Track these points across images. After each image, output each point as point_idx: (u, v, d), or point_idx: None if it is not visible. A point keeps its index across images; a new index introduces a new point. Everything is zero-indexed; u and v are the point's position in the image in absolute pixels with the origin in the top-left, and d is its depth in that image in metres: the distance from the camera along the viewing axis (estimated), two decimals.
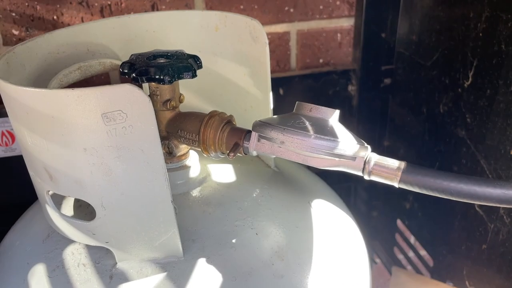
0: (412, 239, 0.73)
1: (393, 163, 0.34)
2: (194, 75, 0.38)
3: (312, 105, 0.35)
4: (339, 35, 0.71)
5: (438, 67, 0.59)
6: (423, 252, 0.70)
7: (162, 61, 0.39)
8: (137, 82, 0.37)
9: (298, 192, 0.46)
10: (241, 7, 0.66)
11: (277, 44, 0.70)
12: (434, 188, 0.32)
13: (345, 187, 0.81)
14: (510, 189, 0.31)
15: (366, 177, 0.35)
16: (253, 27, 0.43)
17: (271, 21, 0.68)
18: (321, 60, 0.73)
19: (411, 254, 0.74)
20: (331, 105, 0.71)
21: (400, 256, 0.78)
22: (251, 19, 0.43)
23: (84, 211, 0.40)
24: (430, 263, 0.68)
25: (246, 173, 0.47)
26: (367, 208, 0.81)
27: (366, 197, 0.80)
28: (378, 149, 0.75)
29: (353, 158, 0.34)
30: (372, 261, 0.84)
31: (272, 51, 0.70)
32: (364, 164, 0.34)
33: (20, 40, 0.62)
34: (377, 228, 0.83)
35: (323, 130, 0.34)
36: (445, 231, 0.62)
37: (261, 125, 0.36)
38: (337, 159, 0.34)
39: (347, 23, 0.71)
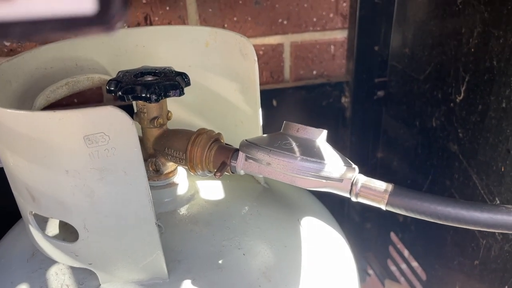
0: (405, 252, 0.72)
1: (380, 185, 0.33)
2: (181, 93, 0.38)
3: (300, 125, 0.35)
4: (332, 47, 0.71)
5: (431, 81, 0.59)
6: (416, 265, 0.70)
7: (149, 78, 0.38)
8: (123, 100, 0.37)
9: (288, 209, 0.46)
10: (235, 19, 0.66)
11: (271, 56, 0.70)
12: (421, 212, 0.32)
13: (339, 199, 0.80)
14: (497, 213, 0.31)
15: (353, 199, 0.34)
16: (242, 44, 0.42)
17: (264, 33, 0.68)
18: (314, 72, 0.72)
19: (404, 266, 0.74)
20: (325, 116, 0.71)
21: (393, 268, 0.77)
22: (241, 36, 0.42)
23: (70, 229, 0.40)
24: (423, 276, 0.68)
25: (235, 190, 0.46)
26: (360, 220, 0.81)
27: (360, 208, 0.80)
28: (372, 161, 0.75)
29: (340, 180, 0.34)
30: (365, 272, 0.83)
31: (265, 63, 0.70)
32: (351, 186, 0.34)
33: (11, 51, 0.61)
34: (370, 240, 0.82)
35: (310, 151, 0.34)
36: (438, 245, 0.62)
37: (248, 146, 0.36)
38: (324, 180, 0.34)
39: (340, 35, 0.70)
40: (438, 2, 0.55)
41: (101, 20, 0.11)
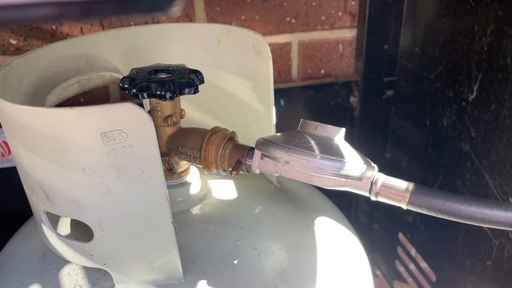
0: (413, 253, 0.72)
1: (401, 184, 0.33)
2: (196, 91, 0.37)
3: (317, 123, 0.35)
4: (341, 46, 0.71)
5: (442, 80, 0.58)
6: (425, 266, 0.69)
7: (163, 76, 0.38)
8: (137, 98, 0.36)
9: (301, 209, 0.45)
10: (242, 17, 0.65)
11: (279, 55, 0.69)
12: (443, 211, 0.31)
13: (346, 199, 0.80)
14: None
15: (373, 198, 0.34)
16: (256, 41, 0.42)
17: (272, 32, 0.67)
18: (322, 71, 0.72)
19: (412, 267, 0.73)
20: (333, 116, 0.70)
21: (402, 269, 0.76)
22: (254, 33, 0.42)
23: (82, 229, 0.39)
24: (433, 277, 0.67)
25: (247, 190, 0.46)
26: (368, 221, 0.80)
27: (367, 209, 0.79)
28: (380, 161, 0.74)
29: (360, 178, 0.33)
30: (373, 274, 0.83)
31: (273, 62, 0.69)
32: (371, 185, 0.33)
33: (18, 50, 0.61)
34: (378, 241, 0.82)
35: (329, 149, 0.33)
36: (448, 246, 0.61)
37: (264, 144, 0.35)
38: (343, 179, 0.33)
39: (349, 34, 0.70)
40: (450, 0, 0.55)
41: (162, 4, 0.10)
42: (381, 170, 0.34)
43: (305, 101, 0.71)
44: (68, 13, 0.10)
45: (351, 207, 0.81)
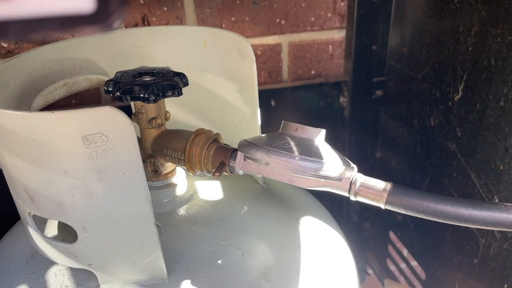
0: (404, 251, 0.72)
1: (379, 184, 0.33)
2: (179, 94, 0.38)
3: (298, 125, 0.35)
4: (330, 46, 0.71)
5: (429, 80, 0.59)
6: (415, 264, 0.70)
7: (147, 79, 0.38)
8: (121, 101, 0.37)
9: (287, 209, 0.46)
10: (233, 19, 0.66)
11: (269, 56, 0.70)
12: (420, 210, 0.32)
13: (337, 198, 0.80)
14: (496, 211, 0.31)
15: (352, 198, 0.34)
16: (240, 43, 0.42)
17: (262, 33, 0.68)
18: (312, 72, 0.72)
19: (403, 266, 0.74)
20: (323, 116, 0.71)
21: (393, 267, 0.77)
22: (239, 36, 0.42)
23: (68, 231, 0.40)
24: (423, 275, 0.68)
25: (234, 190, 0.46)
26: (359, 219, 0.81)
27: (359, 208, 0.80)
28: (370, 161, 0.75)
29: (339, 179, 0.34)
30: (364, 272, 0.83)
31: (263, 63, 0.70)
32: (350, 185, 0.34)
33: (9, 52, 0.61)
34: (369, 239, 0.82)
35: (309, 150, 0.34)
36: (436, 244, 0.62)
37: (246, 145, 0.36)
38: (322, 180, 0.34)
39: (338, 35, 0.70)
40: (436, 1, 0.55)
41: (99, 19, 0.11)
42: (372, 169, 0.34)
43: (295, 101, 0.71)
44: (8, 31, 0.10)
45: (343, 206, 0.81)
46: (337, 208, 0.81)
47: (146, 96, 0.36)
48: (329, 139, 0.37)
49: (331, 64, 0.72)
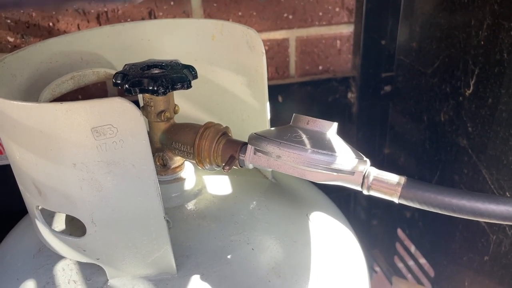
0: (412, 249, 0.72)
1: (393, 178, 0.33)
2: (188, 86, 0.37)
3: (309, 117, 0.35)
4: (338, 42, 0.70)
5: (439, 75, 0.58)
6: (424, 262, 0.69)
7: (156, 71, 0.38)
8: (130, 93, 0.36)
9: (296, 204, 0.45)
10: (239, 13, 0.65)
11: (276, 51, 0.69)
12: (435, 204, 0.31)
13: (345, 195, 0.80)
14: None
15: (365, 192, 0.34)
16: (249, 36, 0.42)
17: (270, 28, 0.67)
18: (320, 67, 0.72)
19: (411, 263, 0.73)
20: (331, 112, 0.70)
21: (400, 265, 0.76)
22: (248, 28, 0.42)
23: (76, 225, 0.39)
24: (431, 273, 0.67)
25: (242, 185, 0.46)
26: (367, 216, 0.80)
27: (366, 205, 0.79)
28: (378, 157, 0.74)
29: (352, 172, 0.33)
30: (372, 270, 0.83)
31: (271, 58, 0.69)
32: (363, 179, 0.33)
33: (15, 47, 0.61)
34: (377, 237, 0.82)
35: (321, 143, 0.33)
36: (446, 241, 0.61)
37: (257, 138, 0.35)
38: (335, 173, 0.33)
39: (346, 29, 0.70)
40: None
41: None
42: (380, 165, 0.34)
43: (303, 97, 0.71)
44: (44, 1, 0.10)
45: (350, 203, 0.81)
46: (344, 205, 0.80)
47: (155, 88, 0.35)
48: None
49: (339, 59, 0.72)
